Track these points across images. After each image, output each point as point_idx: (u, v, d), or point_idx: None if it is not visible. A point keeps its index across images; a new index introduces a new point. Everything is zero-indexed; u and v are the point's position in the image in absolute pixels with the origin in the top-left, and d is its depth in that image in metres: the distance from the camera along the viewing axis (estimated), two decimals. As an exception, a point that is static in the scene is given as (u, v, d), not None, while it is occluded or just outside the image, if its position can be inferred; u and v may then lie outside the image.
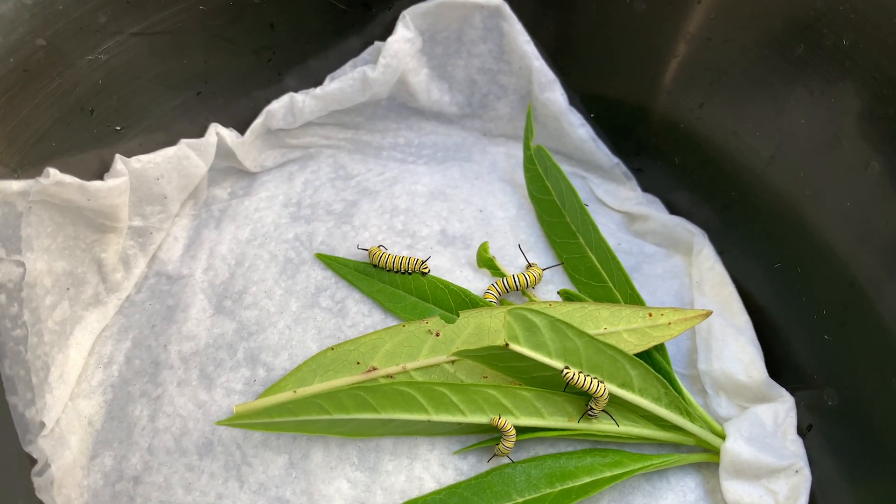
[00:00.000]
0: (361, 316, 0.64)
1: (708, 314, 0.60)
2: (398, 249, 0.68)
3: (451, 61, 0.74)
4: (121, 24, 0.59)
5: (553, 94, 0.72)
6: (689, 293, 0.68)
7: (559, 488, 0.57)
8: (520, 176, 0.74)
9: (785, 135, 0.62)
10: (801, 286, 0.62)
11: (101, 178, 0.62)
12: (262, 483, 0.57)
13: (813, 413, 0.59)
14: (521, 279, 0.63)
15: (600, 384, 0.56)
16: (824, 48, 0.58)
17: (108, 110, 0.62)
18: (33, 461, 0.54)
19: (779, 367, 0.63)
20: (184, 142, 0.66)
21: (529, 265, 0.65)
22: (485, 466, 0.58)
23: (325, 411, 0.55)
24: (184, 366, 0.62)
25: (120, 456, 0.58)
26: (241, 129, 0.71)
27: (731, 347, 0.63)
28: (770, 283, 0.65)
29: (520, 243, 0.69)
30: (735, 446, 0.57)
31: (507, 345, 0.55)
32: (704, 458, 0.60)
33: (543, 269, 0.65)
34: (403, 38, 0.70)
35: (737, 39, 0.63)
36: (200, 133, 0.69)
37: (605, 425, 0.58)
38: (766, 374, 0.61)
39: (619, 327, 0.60)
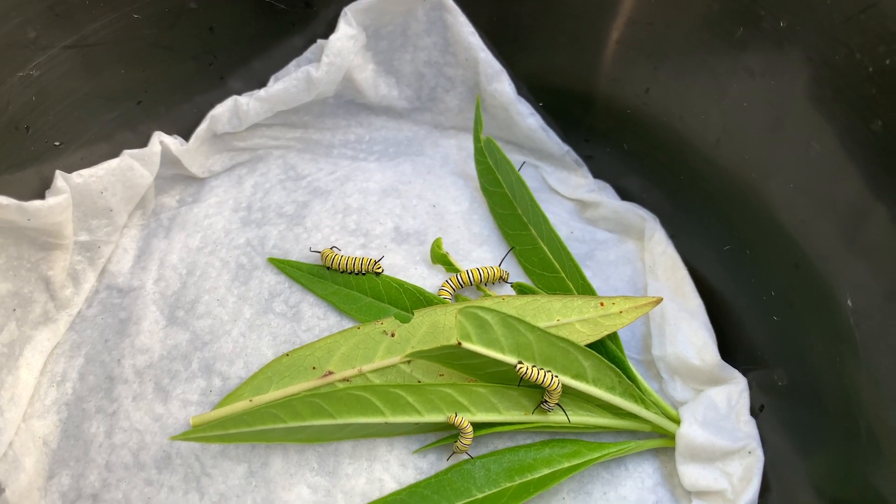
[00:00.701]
0: (316, 319, 0.64)
1: (659, 301, 0.61)
2: (352, 249, 0.67)
3: (396, 56, 0.74)
4: (51, 38, 0.58)
5: (500, 84, 0.72)
6: (643, 278, 0.69)
7: (518, 482, 0.57)
8: (471, 168, 0.74)
9: (729, 118, 0.62)
10: (750, 268, 0.63)
11: (42, 195, 0.61)
12: (222, 493, 0.57)
13: (765, 393, 0.60)
14: (474, 274, 0.63)
15: (554, 377, 0.56)
16: (763, 30, 0.58)
17: (44, 126, 0.61)
18: (-13, 487, 0.54)
19: (731, 348, 0.64)
20: (127, 153, 0.65)
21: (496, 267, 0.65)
22: (445, 464, 0.58)
23: (281, 420, 0.55)
24: (138, 379, 0.61)
25: (77, 474, 0.58)
26: (187, 136, 0.70)
27: (684, 332, 0.63)
28: (721, 265, 0.66)
29: (473, 236, 0.69)
30: (689, 431, 0.58)
31: (459, 343, 0.55)
32: (661, 443, 0.60)
33: (500, 266, 0.65)
34: (346, 35, 0.70)
35: (678, 23, 0.63)
36: (144, 142, 0.68)
37: (561, 417, 0.59)
38: (719, 357, 0.62)
39: (572, 318, 0.60)
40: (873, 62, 0.51)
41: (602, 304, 0.61)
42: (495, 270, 0.64)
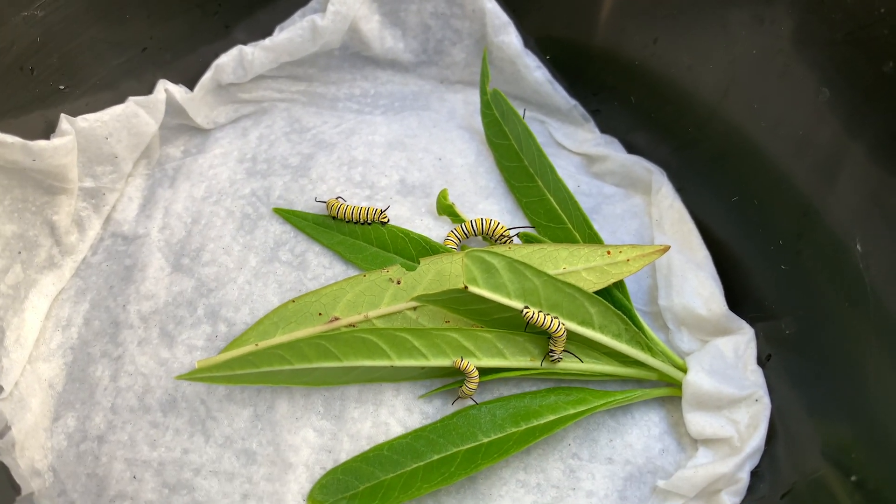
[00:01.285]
0: (322, 268, 0.63)
1: (666, 248, 0.61)
2: (357, 201, 0.67)
3: (402, 7, 0.73)
4: (56, -23, 0.58)
5: (507, 36, 0.71)
6: (650, 232, 0.69)
7: (524, 427, 0.57)
8: (478, 122, 0.73)
9: (738, 66, 0.62)
10: (757, 219, 0.62)
11: (47, 138, 0.61)
12: (227, 436, 0.57)
13: (772, 343, 0.60)
14: (477, 224, 0.63)
15: (560, 323, 0.56)
16: (773, -25, 0.58)
17: (49, 69, 0.60)
18: (-7, 424, 0.54)
19: (739, 299, 0.63)
20: (132, 99, 0.65)
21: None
22: (450, 409, 0.58)
23: (287, 361, 0.55)
24: (144, 325, 0.61)
25: (83, 416, 0.58)
26: (191, 85, 0.70)
27: (691, 282, 0.63)
28: (728, 217, 0.65)
29: (479, 189, 0.69)
30: (696, 378, 0.58)
31: (466, 287, 0.55)
32: (667, 392, 0.60)
33: (509, 229, 0.64)
34: (352, -17, 0.69)
35: (687, -28, 0.63)
36: (149, 91, 0.67)
37: (567, 363, 0.59)
38: (726, 307, 0.62)
39: (578, 266, 0.60)
40: (885, 2, 0.50)
41: (609, 253, 0.60)
42: (500, 226, 0.63)
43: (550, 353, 0.58)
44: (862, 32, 0.53)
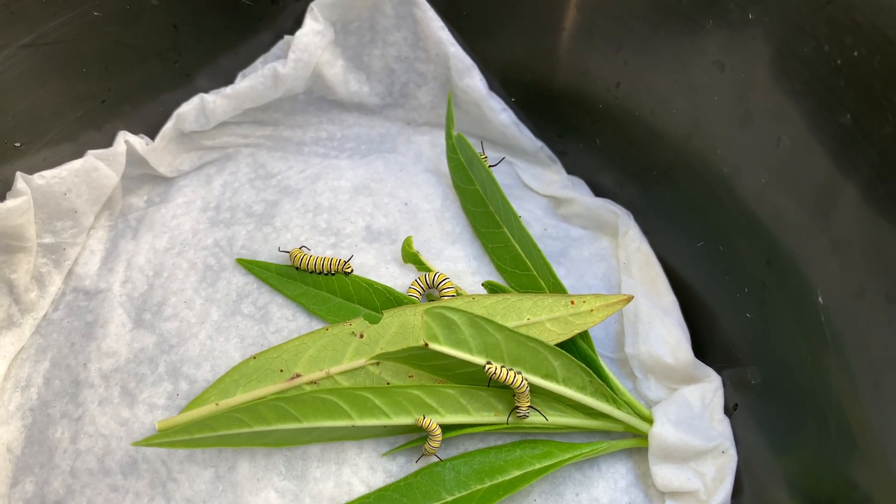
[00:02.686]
0: (285, 321, 0.63)
1: (630, 299, 0.60)
2: (322, 249, 0.67)
3: (366, 51, 0.73)
4: (7, 36, 0.57)
5: (472, 79, 0.71)
6: (617, 275, 0.68)
7: (488, 484, 0.57)
8: (444, 164, 0.73)
9: (700, 112, 0.62)
10: (723, 264, 0.62)
11: (3, 198, 0.60)
12: (188, 499, 0.56)
13: (739, 391, 0.60)
14: (430, 278, 0.63)
15: (523, 379, 0.55)
16: (731, 22, 0.57)
17: (4, 127, 0.60)
18: (-53, 497, 0.53)
19: (706, 346, 0.63)
20: (91, 153, 0.64)
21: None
22: (414, 467, 0.58)
23: (246, 424, 0.54)
24: (105, 383, 0.60)
25: (41, 481, 0.57)
26: (153, 134, 0.69)
27: (658, 330, 0.62)
28: (694, 261, 0.65)
29: (446, 234, 0.68)
30: (662, 431, 0.57)
31: (426, 344, 0.54)
32: (634, 443, 0.60)
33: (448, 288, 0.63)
34: (313, 30, 0.68)
35: (647, 17, 0.62)
36: (110, 142, 0.67)
37: (532, 418, 0.58)
38: (693, 356, 0.61)
39: (542, 317, 0.60)
40: (841, 54, 0.50)
41: (573, 303, 0.60)
42: (445, 281, 0.63)
43: (516, 409, 0.57)
44: (819, 83, 0.52)
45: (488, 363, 0.55)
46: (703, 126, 0.62)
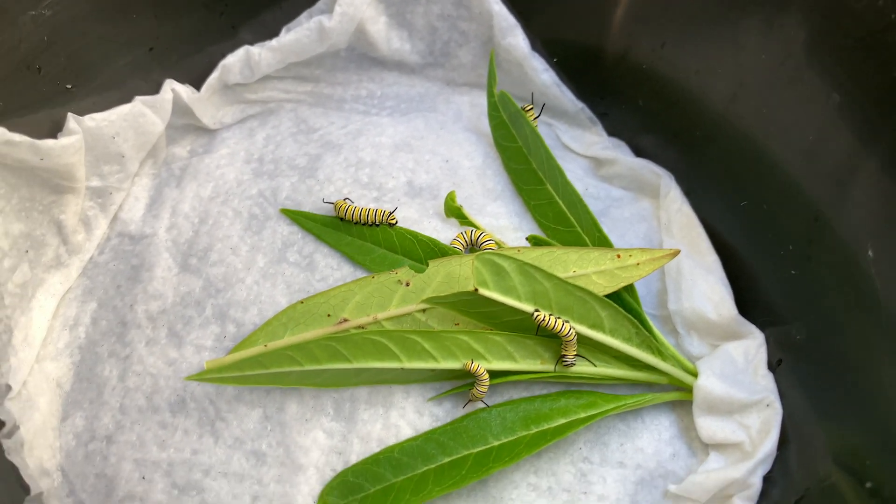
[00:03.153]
0: (330, 270, 0.63)
1: (676, 253, 0.61)
2: (365, 202, 0.67)
3: (409, 8, 0.73)
4: (62, -23, 0.57)
5: (514, 39, 0.71)
6: (658, 235, 0.69)
7: (534, 430, 0.57)
8: (485, 125, 0.73)
9: (746, 71, 0.62)
10: (767, 223, 0.62)
11: (54, 137, 0.60)
12: (237, 437, 0.56)
13: (782, 348, 0.60)
14: (467, 235, 0.63)
15: (571, 327, 0.56)
16: (783, -21, 0.58)
17: (56, 68, 0.60)
18: (1, 424, 0.54)
19: (748, 304, 0.63)
20: (138, 99, 0.64)
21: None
22: (460, 412, 0.58)
23: (297, 363, 0.55)
24: (151, 325, 0.61)
25: (91, 416, 0.57)
26: (198, 85, 0.69)
27: (701, 287, 0.63)
28: (737, 221, 0.65)
29: (487, 191, 0.69)
30: (707, 383, 0.58)
31: (476, 290, 0.55)
32: (678, 396, 0.60)
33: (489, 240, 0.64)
34: (360, -16, 0.69)
35: (696, -25, 0.63)
36: (155, 90, 0.67)
37: (579, 367, 0.59)
38: (736, 312, 0.62)
39: (588, 270, 0.60)
40: (897, 8, 0.51)
41: (619, 256, 0.60)
42: (484, 234, 0.63)
43: (563, 358, 0.58)
44: (873, 38, 0.53)
45: (536, 311, 0.56)
46: (749, 85, 0.62)
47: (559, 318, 0.56)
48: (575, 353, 0.57)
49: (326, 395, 0.58)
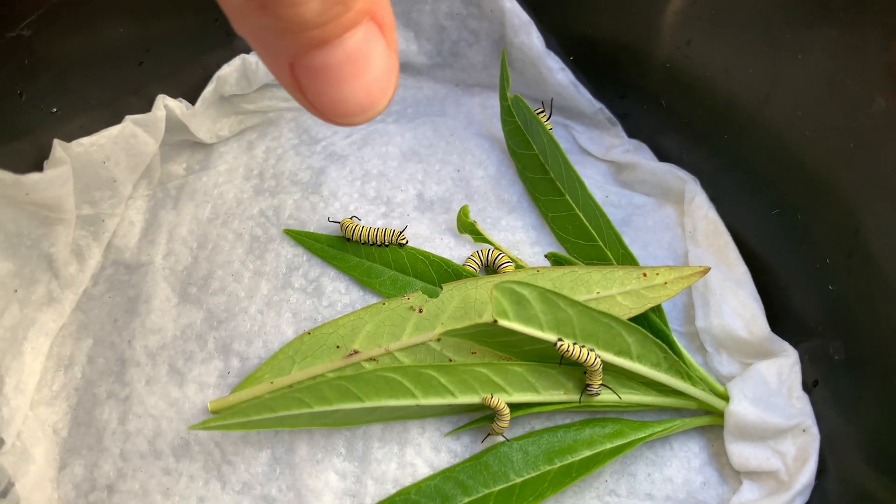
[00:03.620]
0: (338, 294, 0.60)
1: (706, 271, 0.57)
2: (373, 219, 0.63)
3: (415, 7, 0.68)
4: (41, -7, 0.53)
5: (528, 37, 0.67)
6: (683, 244, 0.65)
7: (558, 465, 0.54)
8: (497, 128, 0.69)
9: (781, 71, 0.57)
10: (802, 233, 0.58)
11: (40, 166, 0.57)
12: (245, 482, 0.54)
13: (819, 367, 0.56)
14: (483, 254, 0.60)
15: (596, 356, 0.52)
16: (823, -27, 0.53)
17: (39, 92, 0.56)
18: (-5, 482, 0.51)
19: (778, 318, 0.59)
20: (129, 119, 0.60)
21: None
22: (479, 446, 0.55)
23: (307, 405, 0.51)
24: (151, 362, 0.58)
25: (91, 464, 0.55)
26: (192, 98, 0.65)
27: (731, 302, 0.59)
28: (768, 230, 0.61)
29: (502, 203, 0.65)
30: (740, 408, 0.55)
31: (495, 321, 0.51)
32: (708, 421, 0.57)
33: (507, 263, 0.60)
34: (361, -15, 0.64)
35: (725, -33, 0.58)
36: (148, 106, 0.63)
37: (604, 396, 0.55)
38: (769, 329, 0.58)
39: (613, 290, 0.56)
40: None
41: (645, 275, 0.57)
42: (501, 256, 0.60)
43: (588, 388, 0.54)
44: (923, 39, 0.48)
45: (560, 340, 0.52)
46: (784, 86, 0.58)
47: (584, 346, 0.53)
48: (600, 381, 0.54)
49: (338, 432, 0.55)
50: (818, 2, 0.53)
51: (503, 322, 0.51)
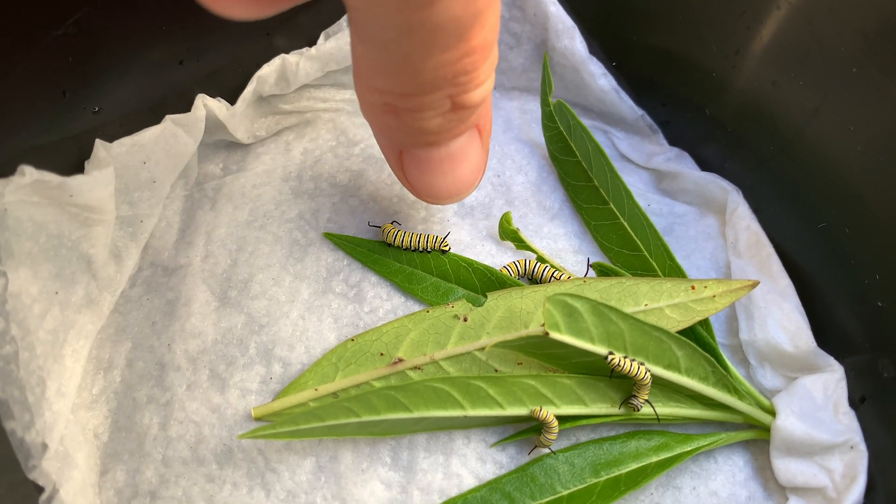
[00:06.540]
0: (380, 300, 0.59)
1: (755, 284, 0.57)
2: (413, 223, 0.62)
3: (457, 10, 0.67)
4: (83, -6, 0.52)
5: (571, 42, 0.66)
6: (724, 255, 0.64)
7: (605, 477, 0.54)
8: (537, 133, 0.68)
9: (833, 85, 0.57)
10: (850, 247, 0.58)
11: (81, 165, 0.56)
12: (289, 490, 0.53)
13: (866, 384, 0.56)
14: (521, 264, 0.59)
15: (647, 370, 0.52)
16: (881, -13, 0.52)
17: (82, 90, 0.55)
18: (40, 489, 0.50)
19: (823, 333, 0.59)
20: (169, 118, 0.59)
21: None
22: (524, 457, 0.55)
23: (355, 414, 0.51)
24: (192, 366, 0.57)
25: (132, 469, 0.54)
26: (231, 99, 0.64)
27: (775, 315, 0.59)
28: (813, 244, 0.61)
29: (543, 210, 0.64)
30: (787, 423, 0.54)
31: (546, 333, 0.51)
32: (754, 435, 0.57)
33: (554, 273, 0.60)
34: (405, -14, 0.63)
35: (779, -22, 0.57)
36: (187, 106, 0.62)
37: (648, 408, 0.55)
38: (815, 344, 0.58)
39: (661, 303, 0.56)
40: None
41: (693, 288, 0.56)
42: (548, 269, 0.59)
43: (631, 398, 0.54)
44: None
45: (611, 353, 0.52)
46: (835, 99, 0.57)
47: (634, 360, 0.52)
48: (647, 396, 0.53)
49: (383, 442, 0.54)
50: (874, 14, 0.53)
51: (555, 335, 0.51)
